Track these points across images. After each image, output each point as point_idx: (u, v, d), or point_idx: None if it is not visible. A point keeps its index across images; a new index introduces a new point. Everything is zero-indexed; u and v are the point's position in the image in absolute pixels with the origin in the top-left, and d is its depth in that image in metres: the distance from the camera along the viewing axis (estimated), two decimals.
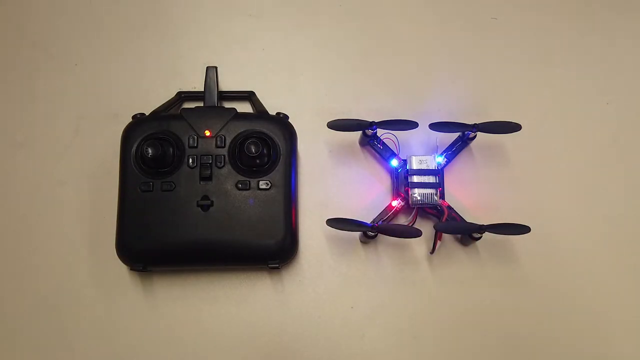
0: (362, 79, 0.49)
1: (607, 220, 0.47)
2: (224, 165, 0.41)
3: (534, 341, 0.44)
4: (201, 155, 0.41)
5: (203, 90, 0.45)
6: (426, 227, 0.45)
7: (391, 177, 0.47)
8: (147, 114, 0.44)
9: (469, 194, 0.47)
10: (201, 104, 0.45)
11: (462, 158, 0.47)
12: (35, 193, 0.45)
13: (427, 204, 0.43)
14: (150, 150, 0.40)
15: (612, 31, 0.52)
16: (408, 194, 0.43)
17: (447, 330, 0.44)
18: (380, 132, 0.45)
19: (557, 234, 0.46)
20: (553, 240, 0.46)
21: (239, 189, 0.41)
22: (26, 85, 0.48)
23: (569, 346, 0.44)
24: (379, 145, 0.46)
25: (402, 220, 0.45)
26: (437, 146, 0.46)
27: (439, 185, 0.43)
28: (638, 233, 0.47)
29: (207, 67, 0.45)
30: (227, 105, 0.46)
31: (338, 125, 0.44)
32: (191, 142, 0.42)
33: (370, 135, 0.45)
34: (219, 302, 0.43)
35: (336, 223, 0.41)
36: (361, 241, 0.45)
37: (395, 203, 0.45)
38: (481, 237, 0.44)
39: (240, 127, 0.42)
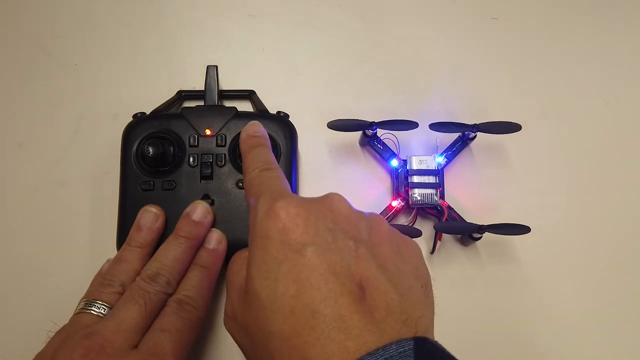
0: (362, 79, 0.49)
1: (608, 220, 0.47)
2: (224, 164, 0.41)
3: (534, 341, 0.44)
4: (202, 154, 0.41)
5: (203, 89, 0.45)
6: (426, 227, 0.45)
7: (391, 177, 0.47)
8: (147, 113, 0.44)
9: (469, 194, 0.47)
10: (202, 103, 0.45)
11: (462, 158, 0.47)
12: (35, 193, 0.45)
13: (427, 204, 0.43)
14: (151, 149, 0.40)
15: (612, 31, 0.52)
16: (408, 194, 0.43)
17: (447, 330, 0.44)
18: (380, 132, 0.45)
19: (557, 234, 0.46)
20: (553, 240, 0.46)
21: (240, 188, 0.41)
22: (26, 85, 0.48)
23: (569, 346, 0.44)
24: (379, 146, 0.46)
25: (402, 220, 0.45)
26: (437, 146, 0.47)
27: (439, 185, 0.43)
28: (638, 233, 0.47)
29: (207, 66, 0.45)
30: (228, 104, 0.46)
31: (338, 125, 0.44)
32: (192, 141, 0.42)
33: (370, 136, 0.45)
34: (221, 301, 0.43)
35: None
36: None
37: (395, 203, 0.45)
38: (481, 237, 0.44)
39: (240, 126, 0.42)
